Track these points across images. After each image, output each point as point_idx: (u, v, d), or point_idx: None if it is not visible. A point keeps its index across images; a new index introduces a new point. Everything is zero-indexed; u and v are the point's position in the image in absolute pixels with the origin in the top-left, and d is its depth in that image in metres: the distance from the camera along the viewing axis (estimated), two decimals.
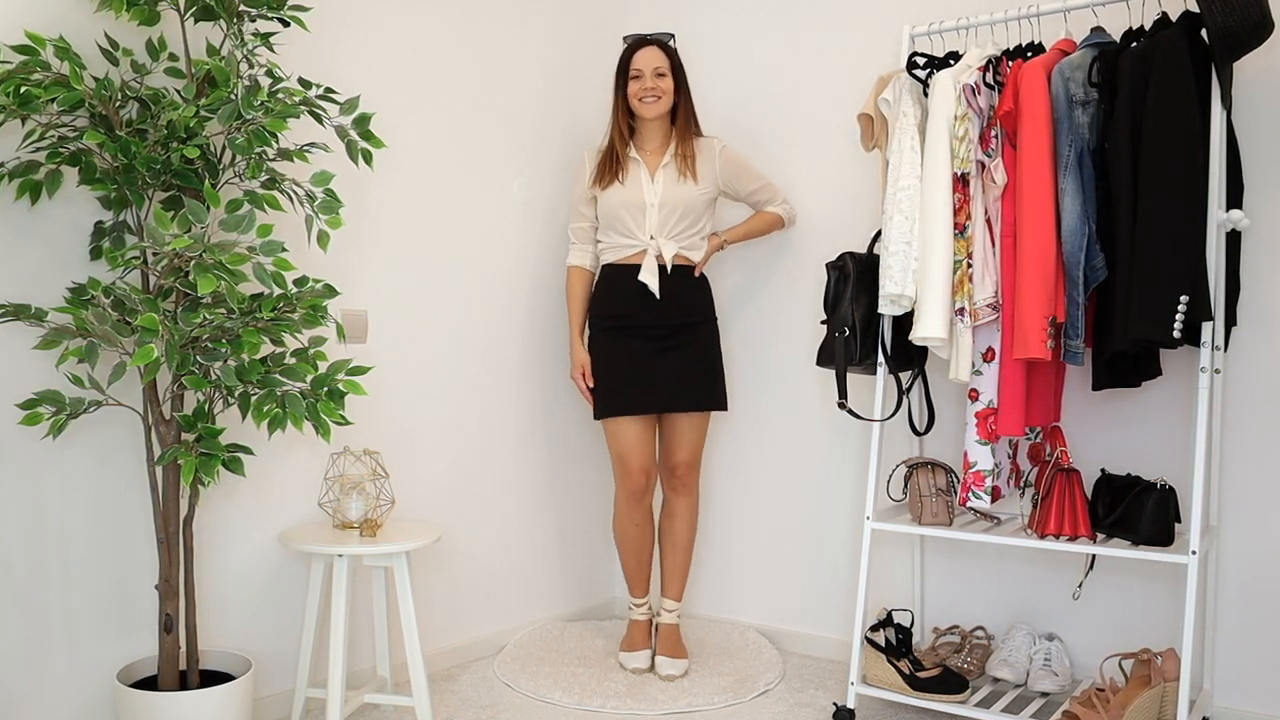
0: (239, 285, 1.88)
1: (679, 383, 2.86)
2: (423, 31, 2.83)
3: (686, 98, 2.94)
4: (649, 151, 2.92)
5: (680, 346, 2.87)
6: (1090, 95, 2.25)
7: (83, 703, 2.17)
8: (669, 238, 2.86)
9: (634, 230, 2.87)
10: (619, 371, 2.87)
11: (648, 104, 2.85)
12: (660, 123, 2.92)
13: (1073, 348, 2.28)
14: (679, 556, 3.00)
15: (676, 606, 2.98)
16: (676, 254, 2.87)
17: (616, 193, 2.88)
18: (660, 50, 2.87)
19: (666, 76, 2.86)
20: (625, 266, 2.88)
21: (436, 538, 2.39)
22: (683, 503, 2.99)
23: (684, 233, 2.88)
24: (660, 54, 2.87)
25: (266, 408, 1.98)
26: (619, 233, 2.89)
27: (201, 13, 2.06)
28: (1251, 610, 2.49)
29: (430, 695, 2.54)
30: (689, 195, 2.86)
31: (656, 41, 2.90)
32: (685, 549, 3.01)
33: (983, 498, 2.40)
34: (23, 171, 1.97)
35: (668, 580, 3.01)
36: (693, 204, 2.87)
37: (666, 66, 2.87)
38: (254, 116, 1.95)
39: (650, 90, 2.85)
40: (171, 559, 2.06)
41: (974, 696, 2.50)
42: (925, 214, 2.38)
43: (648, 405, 2.87)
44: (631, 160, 2.91)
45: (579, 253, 2.99)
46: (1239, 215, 2.20)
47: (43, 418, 1.94)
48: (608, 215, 2.90)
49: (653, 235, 2.85)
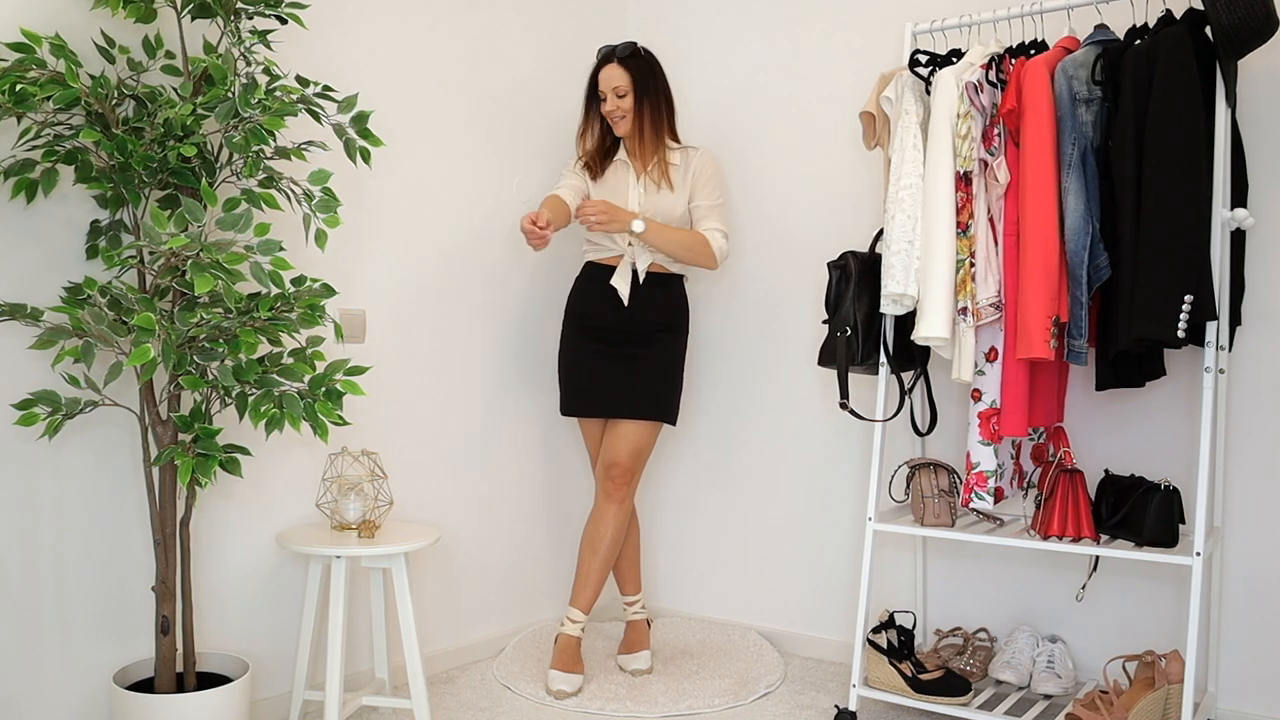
0: (236, 284, 1.87)
1: (622, 390, 2.83)
2: (421, 29, 2.82)
3: (659, 107, 2.86)
4: (636, 157, 2.90)
5: (638, 355, 2.85)
6: (1094, 93, 2.24)
7: (78, 705, 2.16)
8: (645, 247, 2.84)
9: (614, 235, 2.86)
10: (578, 372, 2.88)
11: (616, 122, 2.86)
12: (633, 134, 2.88)
13: (1076, 347, 2.27)
14: (594, 563, 2.82)
15: (583, 619, 2.82)
16: (652, 264, 2.85)
17: (601, 191, 2.88)
18: (619, 67, 2.82)
19: (626, 95, 2.82)
20: (603, 266, 2.89)
21: (435, 539, 2.38)
22: (610, 509, 2.84)
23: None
24: (619, 71, 2.82)
25: (264, 408, 1.96)
26: (602, 235, 2.88)
27: (198, 10, 2.05)
28: (1256, 612, 2.47)
29: (429, 697, 2.53)
30: (667, 205, 2.84)
31: (615, 57, 2.83)
32: (604, 558, 2.83)
33: (985, 499, 2.39)
34: (18, 170, 1.96)
35: (578, 588, 2.83)
36: (670, 214, 2.84)
37: (627, 84, 2.81)
38: (251, 114, 1.94)
39: (612, 112, 2.84)
40: (168, 560, 2.05)
41: (977, 699, 2.48)
42: (928, 213, 2.37)
43: (591, 409, 2.88)
44: (620, 163, 2.90)
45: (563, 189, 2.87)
46: (1243, 214, 2.19)
47: (38, 418, 1.93)
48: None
49: (630, 243, 2.84)
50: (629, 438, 2.83)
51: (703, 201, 2.87)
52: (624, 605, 3.01)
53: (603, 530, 2.84)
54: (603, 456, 2.88)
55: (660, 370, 2.85)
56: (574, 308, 2.93)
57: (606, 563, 2.85)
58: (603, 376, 2.85)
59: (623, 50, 2.84)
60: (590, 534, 2.86)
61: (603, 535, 2.84)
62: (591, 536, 2.86)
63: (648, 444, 2.87)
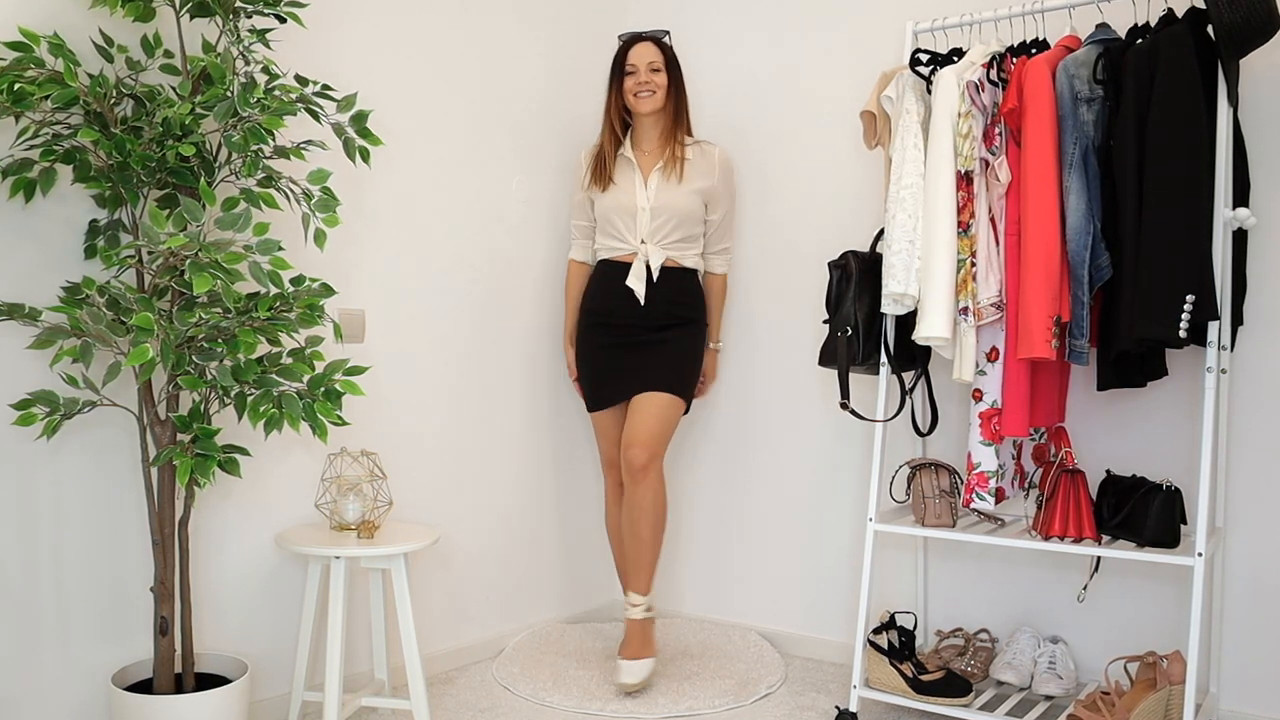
0: (235, 284, 1.86)
1: (642, 372, 2.87)
2: (420, 28, 2.82)
3: (682, 95, 2.95)
4: (645, 152, 2.93)
5: (657, 344, 2.89)
6: (1095, 92, 2.24)
7: (77, 706, 2.15)
8: (659, 243, 2.87)
9: (624, 234, 2.89)
10: (599, 367, 2.94)
11: (642, 98, 2.87)
12: (656, 119, 2.92)
13: (1077, 347, 2.27)
14: (639, 549, 2.82)
15: (642, 600, 2.83)
16: (666, 259, 2.87)
17: (609, 196, 2.92)
18: (655, 45, 2.89)
19: (661, 71, 2.88)
20: (617, 264, 2.92)
21: (434, 539, 2.37)
22: (639, 492, 2.80)
23: (676, 236, 2.88)
24: (655, 49, 2.89)
25: (263, 408, 1.96)
26: (611, 235, 2.93)
27: (197, 9, 2.04)
28: (1258, 613, 2.47)
29: (428, 698, 2.53)
30: (681, 198, 2.86)
31: (651, 38, 2.91)
32: (647, 541, 2.81)
33: (986, 499, 2.38)
34: (16, 169, 1.96)
35: (631, 574, 2.86)
36: (684, 207, 2.86)
37: (661, 61, 2.88)
38: (250, 114, 1.93)
39: (645, 85, 2.86)
40: (167, 561, 2.05)
41: (978, 700, 2.48)
42: (928, 212, 2.36)
43: (615, 397, 2.92)
44: (625, 160, 2.92)
45: (579, 248, 3.08)
46: (1245, 213, 2.18)
47: (37, 418, 1.92)
48: (601, 218, 2.96)
49: (643, 240, 2.86)
50: (648, 411, 2.82)
51: (716, 215, 2.94)
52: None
53: (635, 515, 2.80)
54: (623, 439, 2.86)
55: (678, 354, 2.90)
56: (591, 305, 2.97)
57: (650, 545, 2.81)
58: (622, 367, 2.90)
59: (655, 32, 2.92)
60: (624, 520, 2.84)
61: (637, 520, 2.80)
62: (626, 522, 2.83)
63: (667, 421, 2.84)
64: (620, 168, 2.92)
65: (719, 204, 2.95)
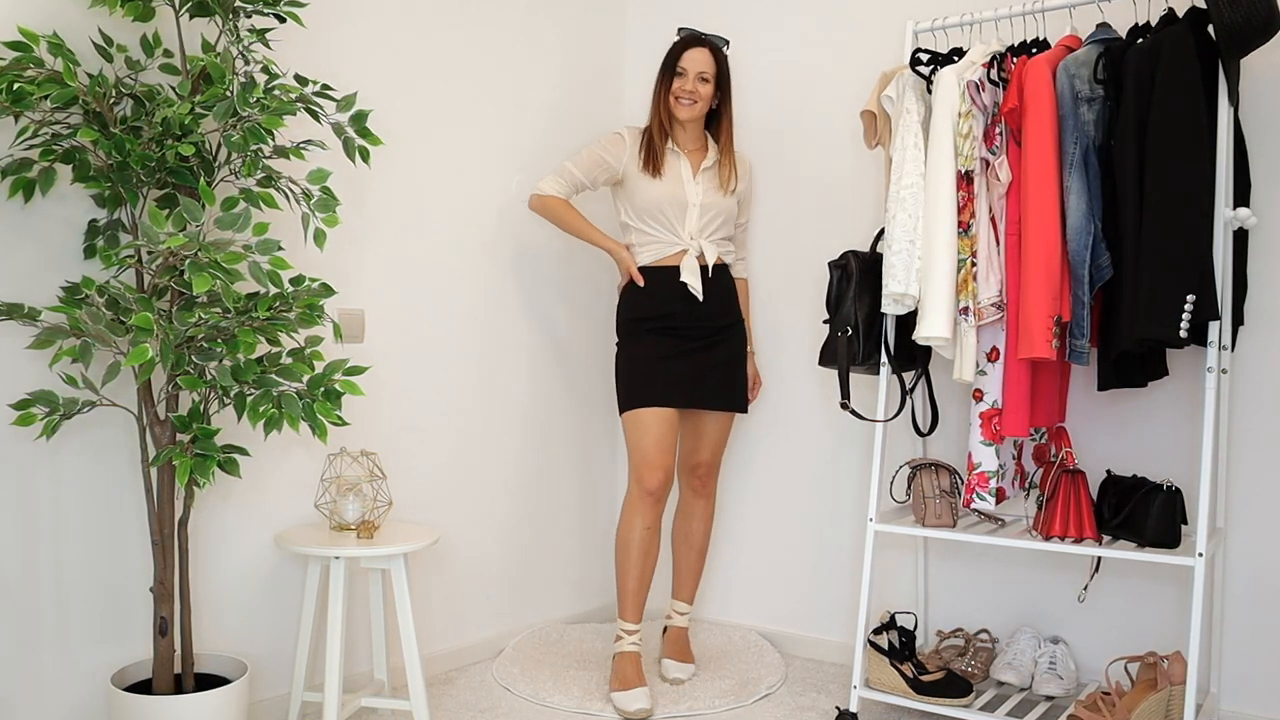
0: (235, 284, 1.86)
1: (710, 381, 2.80)
2: (420, 27, 2.81)
3: (729, 107, 2.85)
4: (689, 150, 2.85)
5: (716, 346, 2.82)
6: (1096, 92, 2.23)
7: (76, 706, 2.15)
8: (709, 239, 2.81)
9: (676, 228, 2.78)
10: (653, 366, 2.76)
11: (683, 105, 2.77)
12: (693, 126, 2.83)
13: (1078, 347, 2.26)
14: (694, 558, 2.98)
15: (688, 610, 2.97)
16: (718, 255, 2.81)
17: (657, 186, 2.77)
18: (710, 54, 2.78)
19: (709, 83, 2.77)
20: (663, 269, 2.78)
21: (434, 540, 2.37)
22: (701, 504, 2.96)
23: (721, 234, 2.84)
24: (709, 58, 2.77)
25: (262, 408, 1.95)
26: (662, 227, 2.78)
27: (196, 9, 2.04)
28: (1259, 613, 2.47)
29: (428, 699, 2.52)
30: (726, 203, 2.83)
31: (710, 44, 2.79)
32: (701, 551, 2.99)
33: (987, 499, 2.38)
34: (16, 169, 1.95)
35: (681, 583, 2.99)
36: (727, 211, 2.83)
37: (712, 72, 2.77)
38: (250, 113, 1.93)
39: (689, 93, 2.76)
40: (166, 561, 2.04)
41: (978, 700, 2.48)
42: (929, 212, 2.36)
43: (676, 399, 2.75)
44: (673, 154, 2.82)
45: (559, 188, 2.84)
46: (1246, 213, 2.18)
47: (36, 418, 1.92)
48: (648, 208, 2.77)
49: (693, 236, 2.79)
50: (715, 431, 2.90)
51: (744, 218, 2.97)
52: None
53: (695, 525, 2.97)
54: (687, 455, 2.93)
55: (735, 361, 2.87)
56: (644, 313, 2.78)
57: (702, 555, 2.99)
58: (684, 369, 2.77)
59: (718, 40, 2.83)
60: (681, 529, 2.99)
61: (697, 530, 2.97)
62: (684, 532, 2.98)
63: (728, 435, 2.95)
64: (668, 159, 2.82)
65: (746, 208, 2.95)
